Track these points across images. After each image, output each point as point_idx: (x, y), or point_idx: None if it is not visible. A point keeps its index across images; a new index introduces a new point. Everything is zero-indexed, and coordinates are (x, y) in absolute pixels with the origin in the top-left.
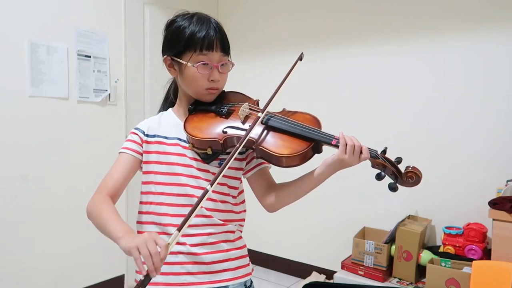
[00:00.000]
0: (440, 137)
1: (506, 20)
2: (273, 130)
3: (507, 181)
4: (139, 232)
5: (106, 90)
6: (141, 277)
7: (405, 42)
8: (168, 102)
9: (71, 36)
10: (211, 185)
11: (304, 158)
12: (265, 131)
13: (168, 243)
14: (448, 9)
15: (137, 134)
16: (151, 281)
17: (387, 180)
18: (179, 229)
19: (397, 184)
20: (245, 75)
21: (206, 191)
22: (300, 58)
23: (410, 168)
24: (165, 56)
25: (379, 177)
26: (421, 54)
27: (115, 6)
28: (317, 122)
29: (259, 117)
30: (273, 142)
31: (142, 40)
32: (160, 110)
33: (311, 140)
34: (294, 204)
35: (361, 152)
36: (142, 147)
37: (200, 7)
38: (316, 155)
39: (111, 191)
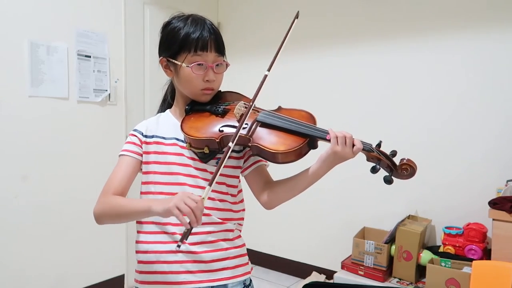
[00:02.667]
0: (440, 138)
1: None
2: (268, 127)
3: (507, 181)
4: (139, 232)
5: (106, 90)
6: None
7: (405, 43)
8: (166, 104)
9: (71, 36)
10: (233, 141)
11: (299, 154)
12: (260, 129)
13: (202, 197)
14: (456, 9)
15: (136, 136)
16: (150, 280)
17: (383, 173)
18: (210, 184)
19: (392, 177)
20: (245, 75)
21: (229, 148)
22: (297, 16)
23: (404, 161)
24: (161, 58)
25: (374, 170)
26: (423, 56)
27: (115, 6)
28: (312, 119)
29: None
30: (268, 139)
31: (142, 40)
32: (158, 112)
33: (306, 135)
34: (294, 204)
35: (354, 145)
36: (141, 148)
37: (200, 7)
38: (312, 151)
39: (117, 192)
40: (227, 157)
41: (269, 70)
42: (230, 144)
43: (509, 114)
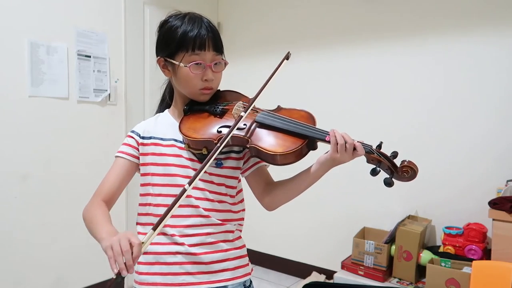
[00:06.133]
0: (440, 138)
1: (498, 24)
2: (267, 128)
3: (507, 181)
4: (139, 233)
5: (106, 90)
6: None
7: (404, 43)
8: (165, 104)
9: (71, 36)
10: (189, 184)
11: (299, 155)
12: (259, 129)
13: (142, 242)
14: (444, 11)
15: (133, 138)
16: (150, 281)
17: (383, 175)
18: (154, 228)
19: (392, 179)
20: (244, 75)
21: (184, 190)
22: (287, 57)
23: (405, 163)
24: (158, 57)
25: (374, 172)
26: (420, 54)
27: (115, 6)
28: (311, 119)
29: (241, 117)
30: (267, 140)
31: (142, 40)
32: (157, 112)
33: (305, 137)
34: (294, 204)
35: (354, 149)
36: (138, 150)
37: (200, 7)
38: (312, 151)
39: (106, 196)
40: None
41: (253, 101)
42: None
43: (509, 114)
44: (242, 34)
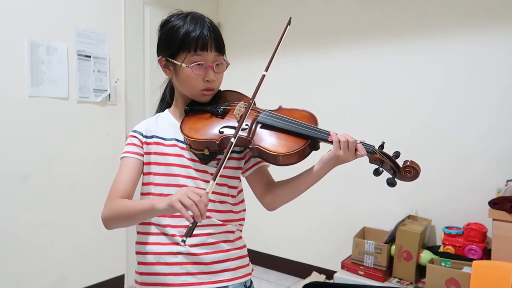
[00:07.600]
0: (440, 137)
1: (497, 23)
2: (269, 129)
3: (507, 181)
4: (139, 233)
5: (106, 90)
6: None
7: (403, 43)
8: (165, 103)
9: (71, 36)
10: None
11: (301, 155)
12: (261, 130)
13: (206, 192)
14: (443, 13)
15: (136, 137)
16: (151, 281)
17: (386, 175)
18: (214, 178)
19: (395, 179)
20: (245, 75)
21: (231, 143)
22: (289, 23)
23: (408, 163)
24: (159, 57)
25: (377, 172)
26: (420, 54)
27: (115, 6)
28: (313, 119)
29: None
30: (269, 141)
31: (142, 40)
32: (157, 111)
33: (307, 137)
34: (295, 204)
35: (356, 149)
36: (143, 148)
37: (200, 7)
38: (314, 151)
39: (123, 196)
40: (230, 151)
41: (266, 70)
42: (232, 140)
43: (509, 113)
44: (242, 34)
